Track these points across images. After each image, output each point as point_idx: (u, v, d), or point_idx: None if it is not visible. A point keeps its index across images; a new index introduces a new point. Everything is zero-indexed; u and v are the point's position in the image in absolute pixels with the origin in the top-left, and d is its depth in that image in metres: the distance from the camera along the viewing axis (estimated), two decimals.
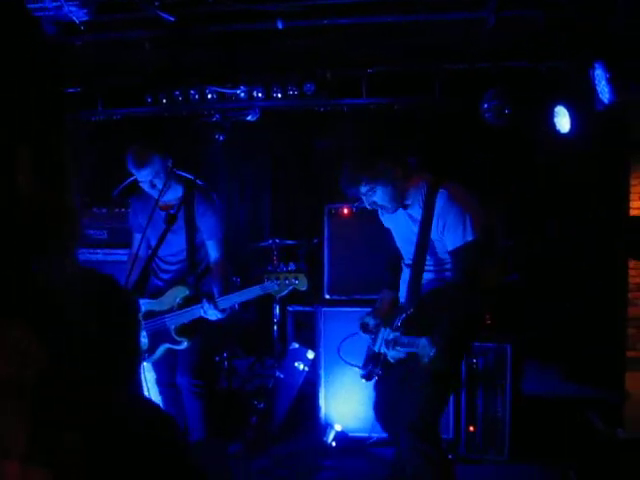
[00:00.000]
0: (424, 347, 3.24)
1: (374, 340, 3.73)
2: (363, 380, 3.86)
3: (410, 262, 3.67)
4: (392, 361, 3.57)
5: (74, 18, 4.50)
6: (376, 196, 3.51)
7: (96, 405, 0.69)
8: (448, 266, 3.55)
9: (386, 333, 3.62)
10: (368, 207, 3.65)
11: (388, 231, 3.92)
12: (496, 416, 4.81)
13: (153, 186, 4.10)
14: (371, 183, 3.47)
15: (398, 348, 3.49)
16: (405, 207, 3.62)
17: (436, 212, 3.47)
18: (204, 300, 4.07)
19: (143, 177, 4.09)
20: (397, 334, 3.52)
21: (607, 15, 4.43)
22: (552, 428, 5.11)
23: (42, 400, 0.66)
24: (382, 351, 3.64)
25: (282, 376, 5.50)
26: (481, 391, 4.83)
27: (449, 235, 3.44)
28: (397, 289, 3.88)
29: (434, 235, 3.51)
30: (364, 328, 3.82)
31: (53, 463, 0.64)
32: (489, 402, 4.82)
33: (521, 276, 5.87)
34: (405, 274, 3.74)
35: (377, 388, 3.90)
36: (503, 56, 5.71)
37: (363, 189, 3.49)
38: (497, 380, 4.81)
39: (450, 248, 3.47)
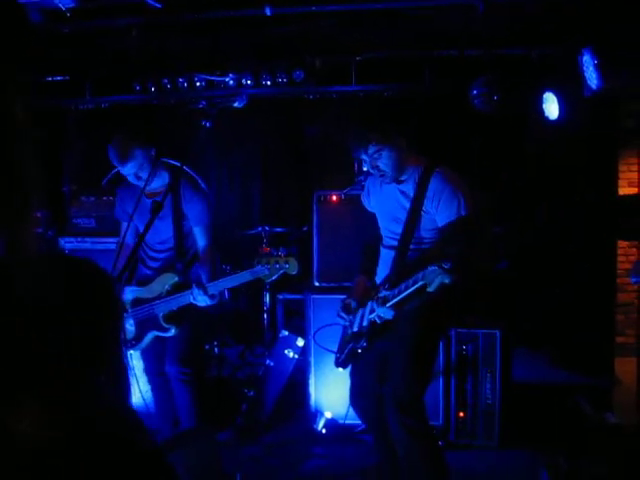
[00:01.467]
0: (432, 272, 3.20)
1: (352, 322, 3.80)
2: (340, 369, 3.91)
3: (394, 242, 3.72)
4: (379, 321, 3.60)
5: (60, 5, 4.45)
6: (381, 160, 3.55)
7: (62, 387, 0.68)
8: (425, 246, 3.62)
9: (369, 305, 3.70)
10: (371, 171, 3.67)
11: (371, 216, 3.96)
12: (486, 402, 4.82)
13: (138, 178, 4.09)
14: (380, 145, 3.51)
15: (389, 304, 3.53)
16: (399, 182, 3.68)
17: (430, 191, 3.55)
18: (194, 286, 4.03)
19: (127, 171, 4.08)
20: (386, 293, 3.56)
21: (595, 1, 4.43)
22: (542, 414, 5.13)
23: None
24: (365, 324, 3.70)
25: (272, 364, 5.50)
26: (470, 377, 4.84)
27: (443, 211, 3.52)
28: (371, 275, 3.92)
29: (428, 208, 3.56)
30: (347, 309, 3.85)
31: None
32: (479, 388, 4.84)
33: (511, 263, 5.88)
34: (386, 255, 3.78)
35: (353, 376, 3.93)
36: (492, 43, 5.69)
37: (371, 150, 3.53)
38: (487, 366, 4.82)
39: (442, 223, 3.53)
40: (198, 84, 6.46)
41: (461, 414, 4.86)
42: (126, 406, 0.89)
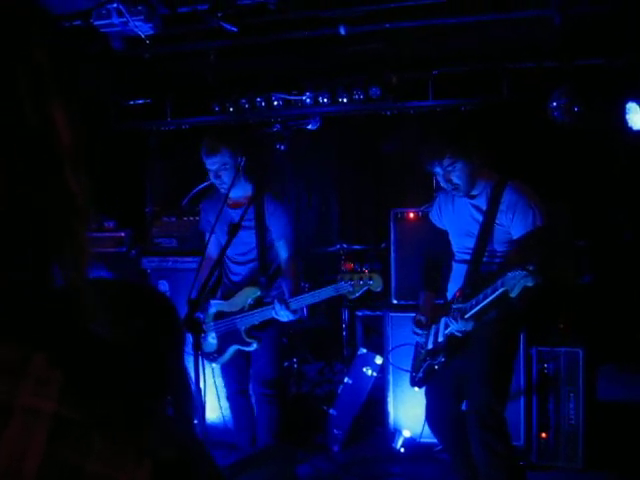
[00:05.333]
0: (513, 277, 3.16)
1: (426, 339, 3.82)
2: (416, 388, 3.90)
3: (466, 257, 3.71)
4: (460, 335, 3.59)
5: (140, 33, 4.59)
6: (455, 173, 3.54)
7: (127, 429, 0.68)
8: (498, 259, 3.60)
9: (443, 320, 3.71)
10: (443, 184, 3.66)
11: (441, 232, 3.96)
12: (569, 423, 4.69)
13: (217, 177, 4.14)
14: (454, 158, 3.51)
15: (467, 315, 3.51)
16: (472, 197, 3.67)
17: (504, 203, 3.55)
18: (276, 301, 4.02)
19: (210, 165, 4.15)
20: (461, 305, 3.55)
21: None
22: (629, 435, 4.95)
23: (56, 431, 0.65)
24: (441, 340, 3.71)
25: (350, 382, 5.49)
26: (552, 397, 4.72)
27: (518, 223, 3.50)
28: (436, 290, 3.94)
29: (502, 221, 3.55)
30: (419, 324, 3.85)
31: None
32: (561, 408, 4.71)
33: (595, 277, 5.71)
34: (458, 270, 3.78)
35: (429, 395, 3.90)
36: (570, 54, 5.59)
37: (446, 162, 3.52)
38: (569, 385, 4.70)
39: (518, 235, 3.51)
40: (275, 103, 6.56)
41: (543, 435, 4.74)
42: (189, 433, 0.90)
